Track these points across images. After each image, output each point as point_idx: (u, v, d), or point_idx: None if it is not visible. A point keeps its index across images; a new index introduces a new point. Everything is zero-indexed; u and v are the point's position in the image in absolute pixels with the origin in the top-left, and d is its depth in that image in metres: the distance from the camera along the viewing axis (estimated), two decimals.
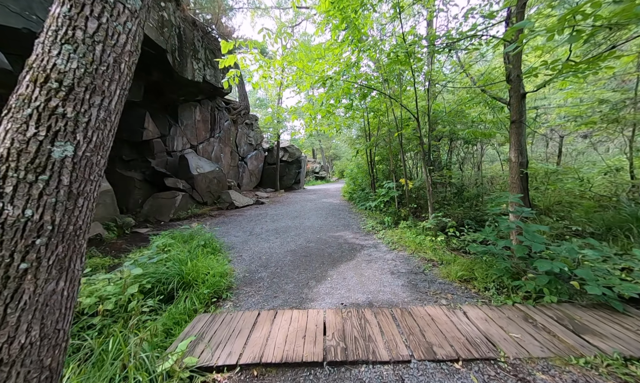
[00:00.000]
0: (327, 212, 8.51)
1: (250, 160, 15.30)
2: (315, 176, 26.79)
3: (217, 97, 11.61)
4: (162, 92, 8.47)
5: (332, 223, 6.79)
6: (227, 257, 4.24)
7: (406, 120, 6.71)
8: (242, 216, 8.40)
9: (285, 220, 7.43)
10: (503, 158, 8.72)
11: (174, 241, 4.19)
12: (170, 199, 8.18)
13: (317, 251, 4.53)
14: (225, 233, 6.22)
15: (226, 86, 4.36)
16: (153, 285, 2.78)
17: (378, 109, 7.37)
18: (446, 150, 8.69)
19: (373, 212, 7.62)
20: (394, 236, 5.06)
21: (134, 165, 8.23)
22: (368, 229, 5.92)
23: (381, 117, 7.78)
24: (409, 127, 6.45)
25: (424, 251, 4.07)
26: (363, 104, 7.65)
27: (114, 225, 6.26)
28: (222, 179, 10.30)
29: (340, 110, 8.24)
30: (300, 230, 6.18)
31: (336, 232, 5.86)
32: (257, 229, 6.45)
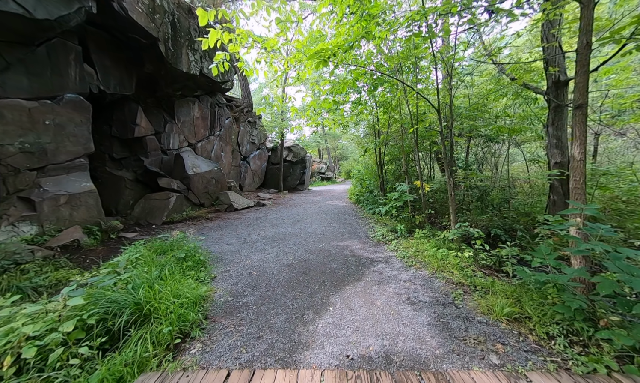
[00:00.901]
0: (332, 216, 7.79)
1: (253, 160, 14.71)
2: (321, 177, 26.09)
3: (217, 93, 11.05)
4: (156, 85, 7.93)
5: (337, 230, 6.06)
6: (211, 273, 3.56)
7: (421, 115, 5.93)
8: (240, 219, 7.77)
9: (286, 225, 6.75)
10: (528, 157, 7.82)
11: (150, 253, 3.55)
12: (163, 201, 7.62)
13: (318, 266, 3.82)
14: (217, 240, 5.58)
15: (215, 73, 3.69)
16: (99, 319, 2.11)
17: (389, 103, 6.61)
18: (463, 149, 7.85)
19: (382, 217, 6.86)
20: (409, 248, 4.30)
21: (126, 164, 7.70)
22: (378, 238, 5.17)
23: (392, 112, 7.02)
24: (426, 122, 5.68)
25: (448, 271, 3.30)
26: (371, 100, 6.93)
27: (98, 229, 5.70)
28: (221, 180, 9.71)
29: (347, 105, 7.54)
30: (301, 238, 5.48)
31: (341, 241, 5.13)
32: (254, 236, 5.79)
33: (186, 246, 3.93)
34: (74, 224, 5.39)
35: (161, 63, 7.03)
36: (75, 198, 5.45)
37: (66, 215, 5.32)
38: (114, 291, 2.28)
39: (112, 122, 7.34)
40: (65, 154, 5.58)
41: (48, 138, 5.29)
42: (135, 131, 7.44)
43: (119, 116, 7.37)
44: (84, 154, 5.94)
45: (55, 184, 5.33)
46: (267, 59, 3.94)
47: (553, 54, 4.31)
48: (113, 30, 6.27)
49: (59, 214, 5.20)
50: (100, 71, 6.34)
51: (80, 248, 4.96)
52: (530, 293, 2.42)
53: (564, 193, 4.71)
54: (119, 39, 6.52)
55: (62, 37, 5.44)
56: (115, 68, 6.67)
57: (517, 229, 4.74)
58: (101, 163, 7.24)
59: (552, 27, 4.26)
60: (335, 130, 30.33)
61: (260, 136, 15.37)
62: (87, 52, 6.07)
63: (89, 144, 6.00)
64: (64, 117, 5.52)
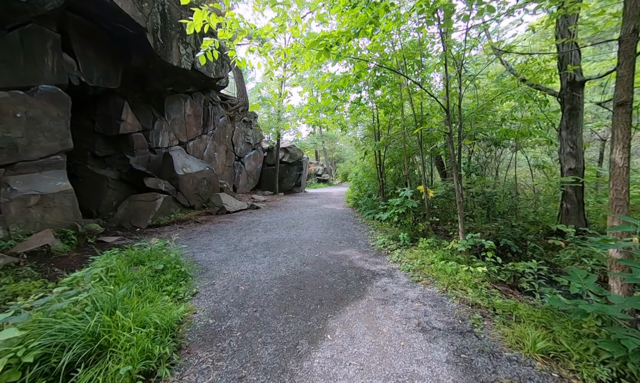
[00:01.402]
0: (329, 221, 7.40)
1: (248, 160, 14.27)
2: (318, 179, 25.71)
3: (211, 91, 10.62)
4: (145, 80, 7.47)
5: (335, 237, 5.67)
6: (193, 287, 3.14)
7: (424, 117, 5.60)
8: (231, 223, 7.33)
9: (280, 230, 6.34)
10: (533, 163, 7.56)
11: (123, 264, 3.11)
12: (149, 202, 7.14)
13: (315, 280, 3.42)
14: (204, 246, 5.14)
15: (203, 61, 3.29)
16: (42, 355, 1.69)
17: (390, 103, 6.29)
18: (466, 153, 7.57)
19: (382, 224, 6.50)
20: (414, 259, 3.93)
21: (110, 162, 7.21)
22: (379, 247, 4.80)
23: (394, 113, 6.70)
24: (429, 124, 5.35)
25: (461, 288, 2.94)
26: (372, 100, 6.60)
27: (74, 233, 5.21)
28: (213, 181, 9.26)
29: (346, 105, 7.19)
30: (296, 245, 5.08)
31: (339, 250, 4.75)
32: (245, 242, 5.36)
33: (166, 255, 3.49)
34: (46, 227, 4.90)
35: (149, 56, 6.59)
36: (48, 198, 4.97)
37: (37, 217, 4.82)
38: (64, 317, 1.85)
39: (96, 118, 6.86)
40: (39, 150, 5.10)
41: (19, 132, 4.81)
42: (120, 128, 6.97)
43: (102, 110, 6.89)
44: (60, 151, 5.46)
45: (26, 183, 4.84)
46: (261, 48, 3.56)
47: (568, 50, 4.02)
48: (97, 18, 5.82)
49: (28, 217, 4.71)
50: (82, 61, 5.88)
51: (50, 255, 4.47)
52: (563, 320, 2.07)
53: (578, 201, 4.41)
54: (103, 29, 6.07)
55: (39, 22, 4.98)
56: (99, 59, 6.22)
57: (528, 240, 4.43)
58: (82, 160, 6.75)
59: (569, 23, 3.98)
60: (333, 131, 30.01)
61: (255, 136, 14.95)
62: (68, 41, 5.61)
63: (66, 140, 5.53)
64: (39, 110, 5.05)
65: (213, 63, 8.60)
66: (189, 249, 5.03)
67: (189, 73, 7.79)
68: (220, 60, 8.98)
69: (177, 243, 5.26)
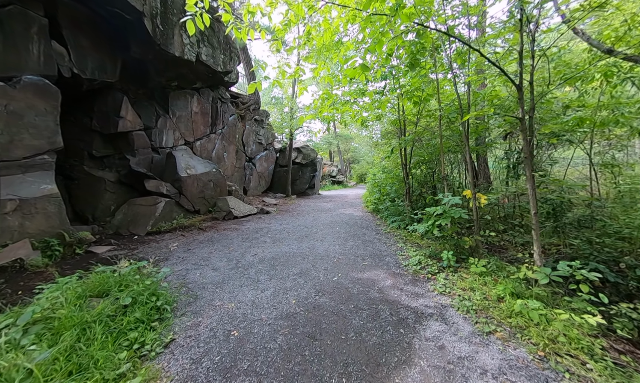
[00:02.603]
0: (347, 230, 6.43)
1: (259, 161, 13.59)
2: (332, 181, 24.77)
3: (220, 87, 9.99)
4: (146, 74, 6.88)
5: (356, 251, 4.69)
6: (170, 331, 2.29)
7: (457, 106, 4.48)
8: (237, 230, 6.54)
9: (291, 241, 5.44)
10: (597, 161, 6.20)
11: (79, 296, 2.31)
12: (149, 207, 6.50)
13: (335, 322, 2.47)
14: (201, 262, 4.33)
15: (191, 31, 2.48)
16: None
17: (421, 90, 5.23)
18: (501, 146, 6.32)
19: (411, 235, 5.44)
20: (468, 291, 2.89)
21: (109, 163, 6.65)
22: (414, 267, 3.77)
23: (425, 102, 5.62)
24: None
25: (568, 353, 1.88)
26: (399, 88, 5.58)
27: (59, 243, 4.59)
28: (220, 183, 8.56)
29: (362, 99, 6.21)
30: (309, 262, 4.15)
31: (364, 271, 3.76)
32: (249, 257, 4.51)
33: (139, 283, 2.66)
34: (26, 237, 4.30)
35: (148, 45, 5.95)
36: (28, 204, 4.36)
37: (15, 225, 4.22)
38: None
39: (93, 115, 6.32)
40: (22, 149, 4.52)
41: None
42: (119, 125, 6.39)
43: (100, 107, 6.34)
44: (48, 150, 4.89)
45: (5, 186, 4.25)
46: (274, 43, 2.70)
47: None
48: (90, 2, 5.23)
49: (4, 225, 4.11)
50: (74, 50, 5.31)
51: (22, 270, 3.83)
52: None
53: None
54: (98, 14, 5.49)
55: (21, 4, 4.42)
56: (94, 49, 5.64)
57: (626, 263, 3.24)
58: (79, 161, 6.22)
59: None
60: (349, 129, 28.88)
61: (267, 136, 14.25)
62: (57, 27, 5.06)
63: (55, 138, 4.94)
64: (22, 104, 4.48)
65: (220, 55, 7.91)
66: (183, 264, 4.25)
67: (194, 65, 7.13)
68: (228, 52, 8.29)
69: (172, 255, 4.50)
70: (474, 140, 5.92)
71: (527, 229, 4.56)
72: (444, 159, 4.86)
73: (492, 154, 7.25)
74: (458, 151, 6.18)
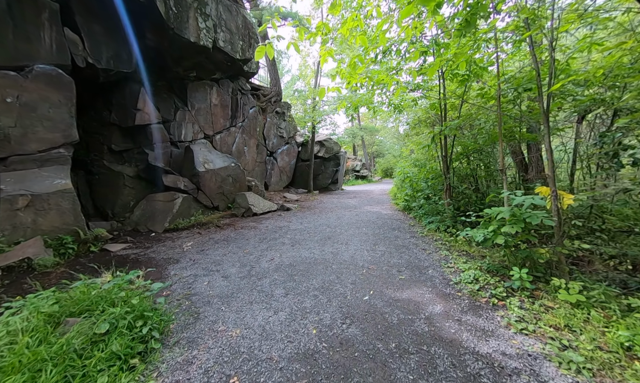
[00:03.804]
0: (376, 231, 5.64)
1: (281, 156, 13.14)
2: (356, 175, 23.81)
3: (239, 78, 9.58)
4: (163, 63, 6.59)
5: (389, 259, 3.92)
6: (152, 375, 1.75)
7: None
8: (255, 229, 6.06)
9: (312, 244, 4.81)
10: None
11: (51, 316, 1.86)
12: (167, 203, 6.27)
13: (371, 371, 1.78)
14: (212, 266, 3.86)
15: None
16: None
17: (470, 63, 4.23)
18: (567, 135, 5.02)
19: (456, 240, 4.52)
20: (569, 332, 2.01)
21: (128, 157, 6.51)
22: (469, 285, 2.92)
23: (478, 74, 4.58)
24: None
25: None
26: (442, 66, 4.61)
27: (72, 241, 4.41)
28: (239, 178, 8.19)
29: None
30: (333, 273, 3.48)
31: (402, 289, 3.00)
32: (264, 263, 3.96)
33: (123, 304, 2.16)
34: (39, 234, 4.15)
35: (162, 30, 5.59)
36: (41, 199, 4.20)
37: (27, 222, 4.07)
38: None
39: (112, 107, 6.16)
40: (36, 142, 4.37)
41: (10, 121, 4.09)
42: (136, 118, 6.18)
43: (118, 99, 6.17)
44: (63, 143, 4.73)
45: (18, 181, 4.12)
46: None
47: None
48: None
49: (16, 221, 3.97)
50: (88, 38, 5.08)
51: (30, 270, 3.63)
52: None
53: None
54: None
55: None
56: (108, 37, 5.40)
57: None
58: (99, 155, 6.12)
59: None
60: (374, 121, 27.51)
61: (289, 129, 13.72)
62: (70, 13, 4.83)
63: (70, 131, 4.77)
64: (34, 95, 4.30)
65: (239, 41, 7.42)
66: (192, 269, 3.81)
67: (211, 53, 6.70)
68: (247, 38, 7.78)
69: (184, 256, 4.04)
70: (522, 127, 4.77)
71: (612, 236, 3.44)
72: (503, 148, 3.85)
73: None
74: (512, 139, 5.05)
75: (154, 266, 4.00)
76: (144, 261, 4.23)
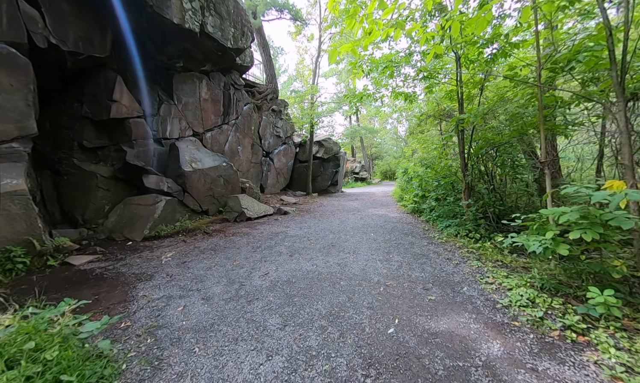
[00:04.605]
0: (387, 237, 4.93)
1: (278, 156, 12.42)
2: (355, 177, 23.17)
3: (232, 71, 8.88)
4: (144, 48, 5.86)
5: (409, 272, 3.21)
6: None
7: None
8: (249, 236, 5.32)
9: (314, 254, 4.08)
10: None
11: None
12: (148, 207, 5.50)
13: None
14: (192, 285, 3.11)
15: None
16: None
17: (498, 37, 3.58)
18: None
19: (484, 248, 3.83)
20: None
21: (103, 156, 5.74)
22: (523, 309, 2.22)
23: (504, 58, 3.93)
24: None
25: None
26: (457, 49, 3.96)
27: (23, 254, 3.62)
28: (231, 179, 7.44)
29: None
30: (342, 293, 2.75)
31: (436, 316, 2.28)
32: (256, 279, 3.22)
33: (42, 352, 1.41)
34: None
35: (141, 8, 4.88)
36: None
37: None
38: None
39: (84, 98, 5.41)
40: None
41: None
42: (112, 110, 5.43)
43: (91, 89, 5.42)
44: (17, 136, 3.97)
45: None
46: None
47: None
48: None
49: None
50: (51, 16, 4.35)
51: None
52: None
53: None
54: None
55: None
56: (77, 16, 4.68)
57: None
58: (68, 153, 5.34)
59: None
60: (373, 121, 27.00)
61: (286, 128, 13.03)
62: None
63: (26, 123, 4.01)
64: None
65: (230, 28, 6.74)
66: (167, 288, 3.06)
67: (198, 39, 6.00)
68: (239, 26, 7.10)
69: (160, 270, 3.18)
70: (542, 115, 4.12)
71: None
72: (545, 134, 3.18)
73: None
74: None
75: (120, 285, 3.23)
76: (110, 278, 3.46)
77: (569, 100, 3.66)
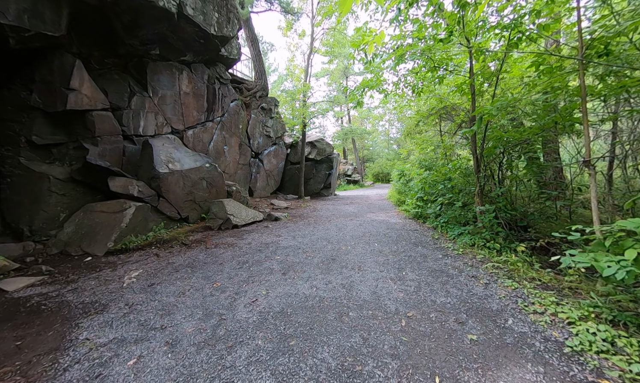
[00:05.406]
0: (394, 248, 4.31)
1: (268, 157, 11.67)
2: (347, 180, 22.66)
3: (217, 64, 8.12)
4: (111, 30, 5.04)
5: (431, 296, 2.59)
6: None
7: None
8: (234, 248, 4.57)
9: (311, 271, 3.40)
10: None
11: None
12: (113, 215, 4.65)
13: None
14: (156, 321, 2.36)
15: None
16: None
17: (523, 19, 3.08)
18: None
19: (511, 261, 3.29)
20: None
21: (59, 154, 4.85)
22: (603, 356, 1.64)
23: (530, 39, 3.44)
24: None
25: None
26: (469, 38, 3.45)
27: None
28: (216, 182, 6.66)
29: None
30: (353, 331, 2.09)
31: (489, 370, 1.66)
32: (241, 311, 2.51)
33: None
34: None
35: None
36: None
37: None
38: None
39: (33, 86, 4.53)
40: None
41: None
42: (69, 100, 4.57)
43: (43, 74, 4.54)
44: None
45: None
46: None
47: None
48: None
49: None
50: None
51: None
52: None
53: None
54: None
55: None
56: None
57: None
58: (13, 150, 4.43)
59: None
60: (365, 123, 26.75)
61: (276, 128, 12.31)
62: None
63: None
64: None
65: (214, 12, 6.01)
66: (120, 327, 2.30)
67: (176, 21, 5.24)
68: (224, 11, 6.38)
69: (118, 299, 2.28)
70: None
71: None
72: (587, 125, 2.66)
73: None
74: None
75: (59, 321, 2.45)
76: (48, 310, 2.66)
77: (599, 91, 3.18)
